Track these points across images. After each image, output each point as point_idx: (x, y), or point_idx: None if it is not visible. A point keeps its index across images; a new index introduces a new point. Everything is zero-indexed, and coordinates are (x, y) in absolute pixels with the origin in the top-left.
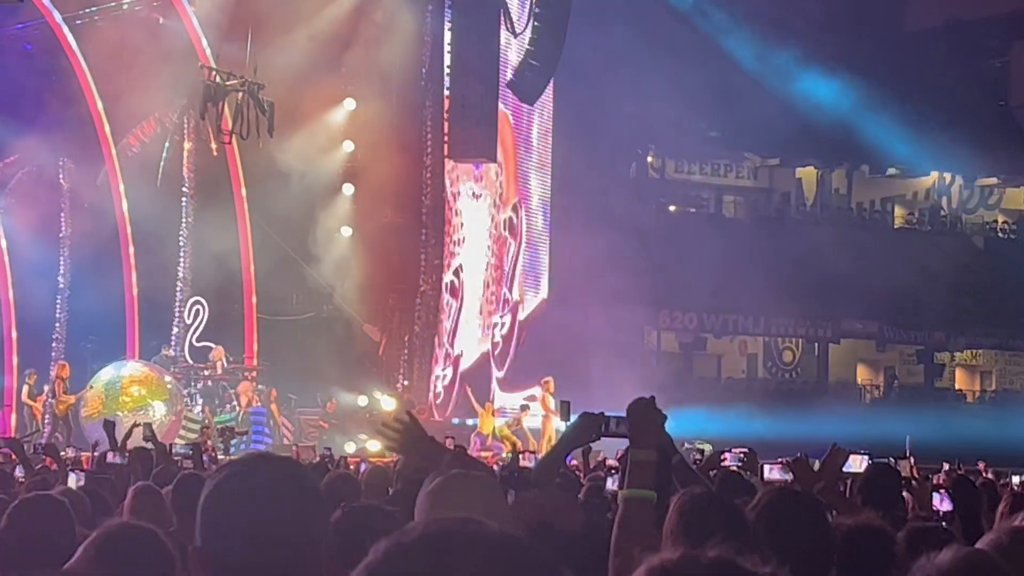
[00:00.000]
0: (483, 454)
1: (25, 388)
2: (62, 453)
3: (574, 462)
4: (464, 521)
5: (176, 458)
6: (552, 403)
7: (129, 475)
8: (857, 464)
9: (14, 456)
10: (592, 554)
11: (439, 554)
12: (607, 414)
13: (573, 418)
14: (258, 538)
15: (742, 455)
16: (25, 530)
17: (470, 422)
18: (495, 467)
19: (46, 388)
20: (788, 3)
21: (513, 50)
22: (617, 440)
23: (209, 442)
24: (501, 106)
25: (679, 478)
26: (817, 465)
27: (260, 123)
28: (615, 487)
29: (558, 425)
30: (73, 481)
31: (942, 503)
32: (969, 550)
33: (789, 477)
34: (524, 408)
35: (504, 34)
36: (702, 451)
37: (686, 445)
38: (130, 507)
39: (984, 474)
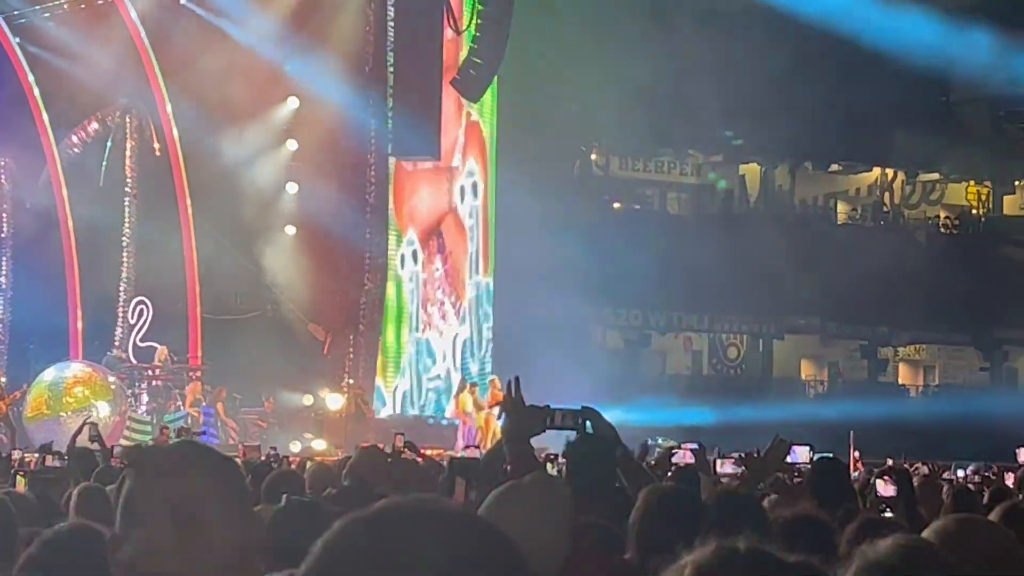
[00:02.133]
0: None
1: None
2: (4, 455)
3: None
4: (423, 499)
5: (117, 459)
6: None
7: (70, 477)
8: (803, 455)
9: None
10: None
11: (397, 528)
12: (552, 406)
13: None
14: (172, 524)
15: (691, 451)
16: None
17: (431, 421)
18: (443, 461)
19: None
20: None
21: (456, 47)
22: (562, 432)
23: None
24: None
25: (624, 471)
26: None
27: None
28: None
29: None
30: (21, 484)
31: (885, 489)
32: (910, 537)
33: (741, 471)
34: (472, 386)
35: (447, 31)
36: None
37: (650, 442)
38: (75, 508)
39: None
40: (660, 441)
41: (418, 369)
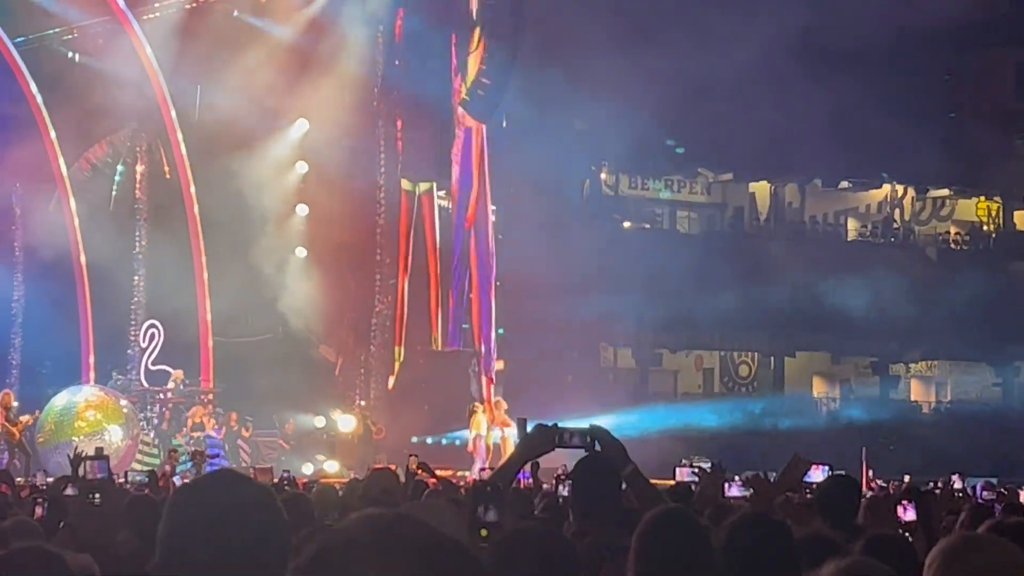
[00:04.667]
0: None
1: None
2: (21, 481)
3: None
4: (399, 517)
5: (130, 487)
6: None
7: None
8: (818, 475)
9: None
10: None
11: (374, 545)
12: (561, 426)
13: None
14: (217, 558)
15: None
16: None
17: (445, 441)
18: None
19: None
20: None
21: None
22: (572, 452)
23: (177, 466)
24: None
25: (633, 489)
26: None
27: None
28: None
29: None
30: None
31: (905, 513)
32: (851, 560)
33: (749, 493)
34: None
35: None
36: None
37: (683, 461)
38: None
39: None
40: (697, 463)
41: None
